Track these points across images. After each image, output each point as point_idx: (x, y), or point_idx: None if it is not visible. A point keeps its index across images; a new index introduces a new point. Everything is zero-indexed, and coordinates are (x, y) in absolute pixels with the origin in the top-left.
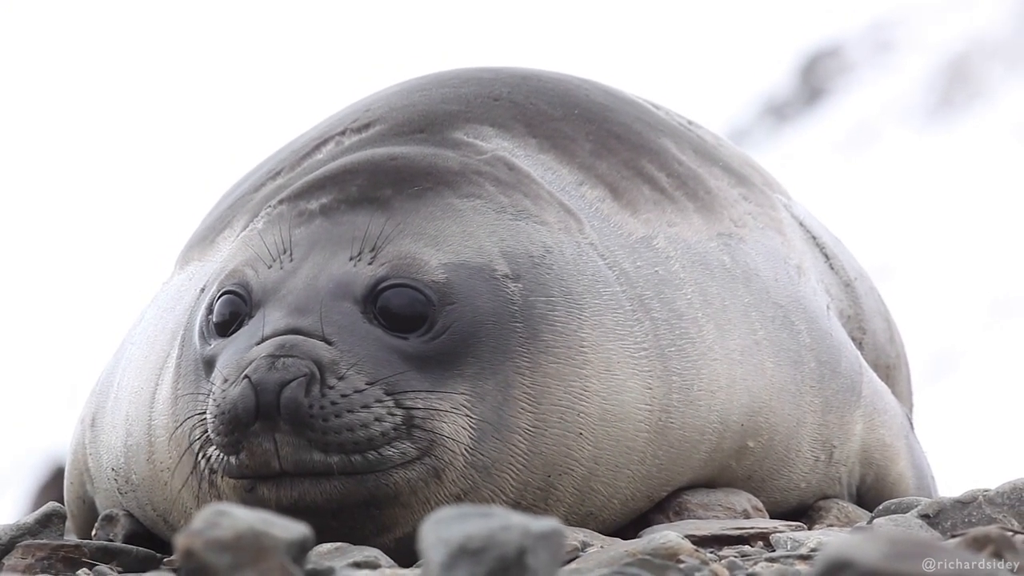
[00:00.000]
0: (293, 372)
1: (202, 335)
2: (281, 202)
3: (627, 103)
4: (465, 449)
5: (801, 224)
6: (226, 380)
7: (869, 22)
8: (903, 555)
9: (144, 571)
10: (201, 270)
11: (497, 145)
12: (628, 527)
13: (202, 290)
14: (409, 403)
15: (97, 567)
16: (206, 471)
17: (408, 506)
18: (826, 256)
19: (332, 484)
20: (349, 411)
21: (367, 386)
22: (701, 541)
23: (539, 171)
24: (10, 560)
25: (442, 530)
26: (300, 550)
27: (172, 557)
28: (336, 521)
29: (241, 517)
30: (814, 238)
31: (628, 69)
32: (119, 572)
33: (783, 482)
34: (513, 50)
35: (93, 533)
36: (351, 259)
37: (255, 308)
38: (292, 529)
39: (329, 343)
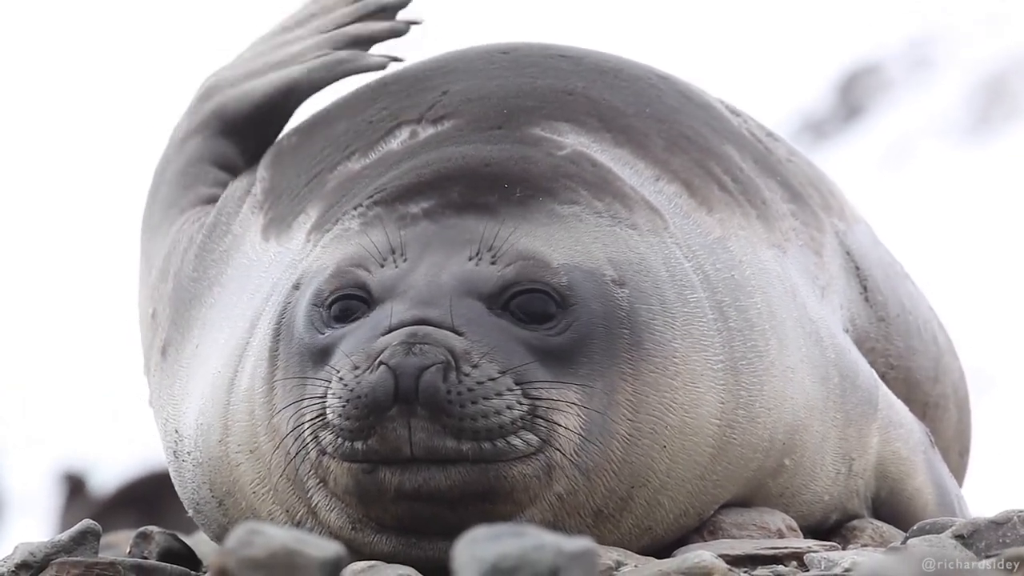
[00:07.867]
0: (431, 358)
1: (311, 327)
2: (376, 204)
3: (698, 106)
4: (574, 448)
5: (848, 253)
6: (356, 367)
7: (907, 40)
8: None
9: None
10: (281, 258)
11: (574, 140)
12: (661, 546)
13: (295, 287)
14: (534, 393)
15: None
16: (314, 454)
17: (518, 503)
18: (864, 288)
19: (458, 471)
20: (485, 398)
21: (499, 374)
22: (735, 561)
23: (618, 166)
24: None
25: (476, 549)
26: (333, 569)
27: (206, 574)
28: (451, 511)
29: (274, 535)
30: (857, 269)
31: None
32: None
33: (809, 496)
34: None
35: (127, 551)
36: (470, 259)
37: (373, 304)
38: (326, 548)
39: (459, 333)
